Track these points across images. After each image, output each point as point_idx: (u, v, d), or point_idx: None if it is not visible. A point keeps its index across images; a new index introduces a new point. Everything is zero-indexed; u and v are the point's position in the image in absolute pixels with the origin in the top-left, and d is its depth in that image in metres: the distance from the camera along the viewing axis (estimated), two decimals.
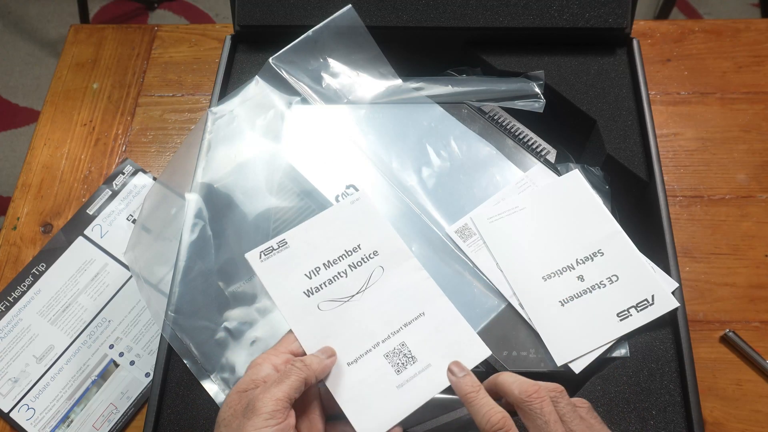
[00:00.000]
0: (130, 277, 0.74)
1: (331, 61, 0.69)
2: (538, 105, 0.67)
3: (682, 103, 0.82)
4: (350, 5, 0.68)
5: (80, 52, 0.91)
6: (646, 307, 0.57)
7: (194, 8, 1.95)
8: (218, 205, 0.63)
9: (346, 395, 0.49)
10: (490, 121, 0.68)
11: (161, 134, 0.84)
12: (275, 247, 0.53)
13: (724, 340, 0.67)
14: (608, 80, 0.70)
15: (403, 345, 0.51)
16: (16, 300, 0.74)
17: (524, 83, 0.68)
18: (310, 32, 0.68)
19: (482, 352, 0.52)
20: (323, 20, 0.68)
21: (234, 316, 0.58)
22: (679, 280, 0.59)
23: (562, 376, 0.55)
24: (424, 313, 0.52)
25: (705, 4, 1.86)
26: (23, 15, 1.95)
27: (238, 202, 0.63)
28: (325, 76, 0.69)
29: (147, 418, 0.56)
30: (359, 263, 0.53)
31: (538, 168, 0.64)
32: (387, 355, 0.51)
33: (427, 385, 0.50)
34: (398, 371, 0.50)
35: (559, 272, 0.58)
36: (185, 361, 0.57)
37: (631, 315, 0.57)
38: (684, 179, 0.77)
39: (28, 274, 0.75)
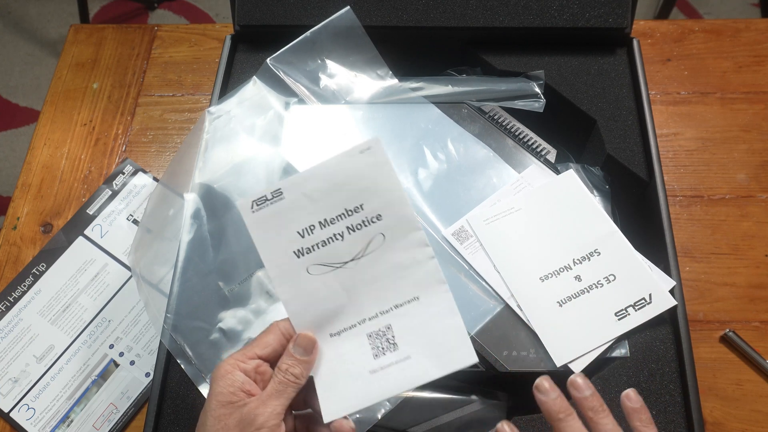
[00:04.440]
0: (130, 277, 0.74)
1: (329, 62, 0.69)
2: (538, 105, 0.67)
3: (682, 103, 0.82)
4: (349, 7, 0.68)
5: (80, 52, 0.91)
6: (644, 305, 0.57)
7: (194, 8, 1.95)
8: (216, 205, 0.63)
9: (321, 368, 0.47)
10: (490, 121, 0.67)
11: (161, 134, 0.84)
12: (269, 198, 0.47)
13: (724, 340, 0.67)
14: (608, 80, 0.70)
15: (388, 329, 0.47)
16: (17, 300, 0.74)
17: (524, 83, 0.68)
18: (308, 33, 0.68)
19: (468, 358, 0.47)
20: (323, 20, 0.68)
21: (228, 317, 0.58)
22: (679, 280, 0.59)
23: (562, 376, 0.55)
24: (418, 298, 0.47)
25: (705, 4, 1.86)
26: (23, 15, 1.95)
27: (235, 203, 0.63)
28: (322, 77, 0.69)
29: (147, 418, 0.56)
30: (359, 226, 0.47)
31: (533, 169, 0.64)
32: (370, 336, 0.47)
33: (400, 378, 0.46)
34: (376, 356, 0.47)
35: (556, 273, 0.58)
36: (179, 362, 0.57)
37: (629, 314, 0.57)
38: (684, 179, 0.77)
39: (28, 274, 0.75)
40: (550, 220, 0.61)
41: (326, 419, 0.45)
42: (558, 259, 0.59)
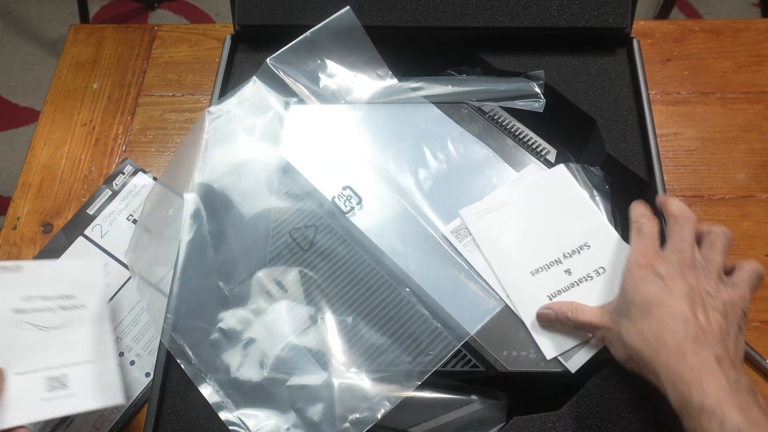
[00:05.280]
0: (130, 277, 0.74)
1: (329, 62, 0.69)
2: (538, 105, 0.67)
3: (682, 102, 0.82)
4: (348, 7, 0.68)
5: (80, 52, 0.91)
6: None
7: (194, 8, 1.95)
8: (216, 205, 0.63)
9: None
10: (490, 121, 0.68)
11: (161, 134, 0.84)
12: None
13: None
14: (608, 80, 0.70)
15: (64, 374, 0.58)
16: None
17: (524, 83, 0.68)
18: (308, 33, 0.68)
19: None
20: (323, 20, 0.68)
21: (228, 317, 0.58)
22: None
23: (561, 377, 0.55)
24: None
25: (705, 4, 1.86)
26: (23, 15, 1.95)
27: (235, 202, 0.63)
28: (322, 77, 0.69)
29: (147, 418, 0.56)
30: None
31: (531, 168, 0.64)
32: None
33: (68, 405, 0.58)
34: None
35: (546, 266, 0.58)
36: (179, 362, 0.57)
37: None
38: (684, 179, 0.77)
39: None
40: (540, 215, 0.61)
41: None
42: (548, 252, 0.59)
